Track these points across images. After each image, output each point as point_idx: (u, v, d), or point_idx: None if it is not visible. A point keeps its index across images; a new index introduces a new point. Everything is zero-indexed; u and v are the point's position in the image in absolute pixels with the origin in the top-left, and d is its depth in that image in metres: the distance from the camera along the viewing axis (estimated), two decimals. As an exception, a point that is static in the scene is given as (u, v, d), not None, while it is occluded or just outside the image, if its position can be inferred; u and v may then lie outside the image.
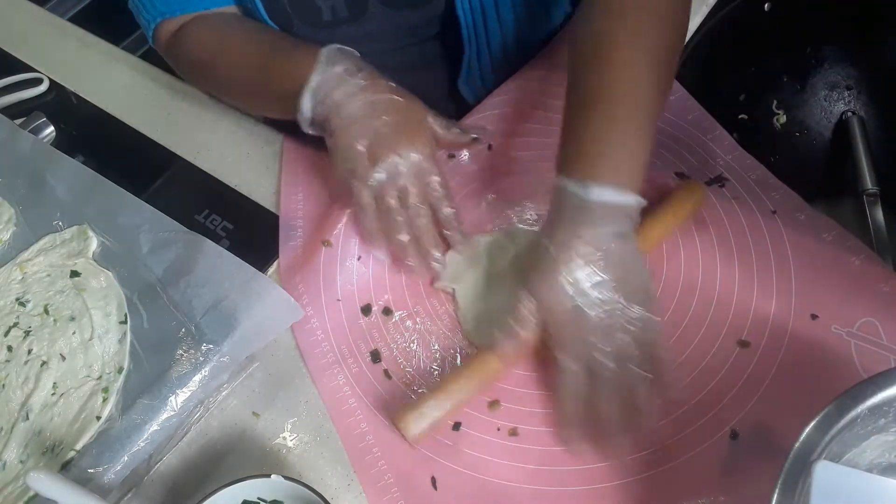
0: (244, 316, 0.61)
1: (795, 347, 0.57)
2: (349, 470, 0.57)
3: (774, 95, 0.84)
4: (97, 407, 0.61)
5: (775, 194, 0.65)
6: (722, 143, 0.69)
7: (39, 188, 0.74)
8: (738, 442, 0.54)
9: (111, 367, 0.63)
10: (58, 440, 0.60)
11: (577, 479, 0.54)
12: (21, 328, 0.67)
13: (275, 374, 0.63)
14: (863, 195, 0.76)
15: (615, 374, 0.53)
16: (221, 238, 0.70)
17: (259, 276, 0.63)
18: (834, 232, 0.62)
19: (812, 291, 0.59)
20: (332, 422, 0.60)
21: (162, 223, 0.68)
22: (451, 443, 0.57)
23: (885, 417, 0.44)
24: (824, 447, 0.42)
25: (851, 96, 0.83)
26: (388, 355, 0.62)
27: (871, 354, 0.55)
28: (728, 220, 0.64)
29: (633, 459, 0.54)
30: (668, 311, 0.60)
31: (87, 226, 0.71)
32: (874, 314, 0.57)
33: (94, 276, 0.68)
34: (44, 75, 0.87)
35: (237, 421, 0.61)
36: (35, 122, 0.81)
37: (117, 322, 0.65)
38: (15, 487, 0.58)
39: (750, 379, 0.55)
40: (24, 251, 0.71)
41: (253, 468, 0.58)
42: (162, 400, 0.59)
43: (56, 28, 0.94)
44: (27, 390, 0.63)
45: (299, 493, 0.51)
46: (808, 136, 0.84)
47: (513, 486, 0.55)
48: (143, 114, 0.82)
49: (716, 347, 0.58)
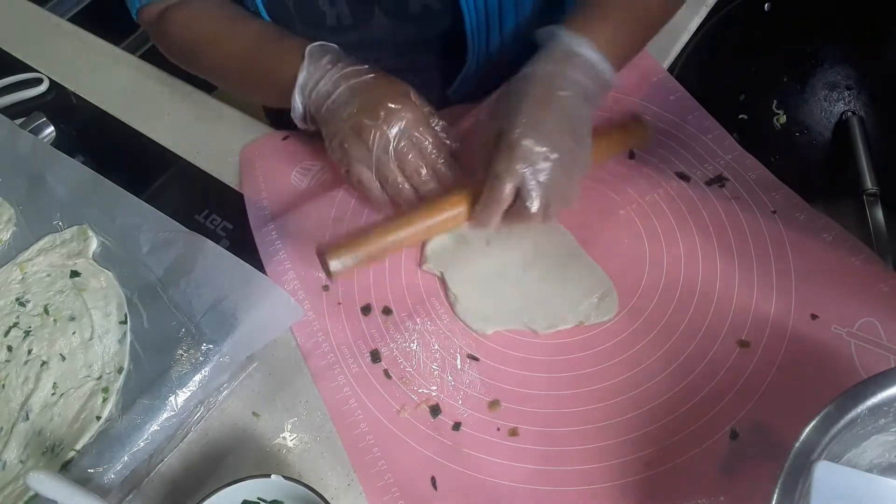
0: (244, 316, 0.61)
1: (795, 347, 0.57)
2: (349, 470, 0.57)
3: (774, 95, 0.84)
4: (97, 407, 0.61)
5: (775, 194, 0.65)
6: (722, 143, 0.69)
7: (39, 188, 0.74)
8: (738, 442, 0.54)
9: (111, 367, 0.63)
10: (58, 440, 0.60)
11: (576, 479, 0.54)
12: (21, 328, 0.67)
13: (275, 374, 0.63)
14: (863, 195, 0.76)
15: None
16: (221, 238, 0.70)
17: (259, 276, 0.63)
18: (834, 232, 0.62)
19: (812, 291, 0.59)
20: (332, 422, 0.60)
21: (162, 223, 0.68)
22: (452, 443, 0.57)
23: (885, 417, 0.44)
24: (824, 447, 0.42)
25: (851, 96, 0.83)
26: (388, 355, 0.62)
27: (871, 354, 0.55)
28: (728, 220, 0.64)
29: (633, 459, 0.55)
30: (668, 311, 0.60)
31: (87, 226, 0.71)
32: (874, 314, 0.57)
33: (94, 276, 0.68)
34: (44, 75, 0.87)
35: (237, 421, 0.61)
36: (35, 122, 0.81)
37: (117, 322, 0.65)
38: (15, 487, 0.58)
39: (750, 379, 0.55)
40: (24, 251, 0.71)
41: (253, 468, 0.58)
42: (162, 400, 0.59)
43: (56, 28, 0.94)
44: (27, 390, 0.63)
45: (299, 493, 0.51)
46: (808, 136, 0.84)
47: (513, 486, 0.55)
48: (143, 114, 0.82)
49: (716, 347, 0.58)
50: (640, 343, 0.59)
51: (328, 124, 0.64)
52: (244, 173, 0.75)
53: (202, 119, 0.81)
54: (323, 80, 0.64)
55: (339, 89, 0.63)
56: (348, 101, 0.63)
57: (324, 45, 0.66)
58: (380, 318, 0.64)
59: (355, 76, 0.64)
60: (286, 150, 0.76)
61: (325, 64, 0.64)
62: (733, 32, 0.80)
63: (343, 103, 0.63)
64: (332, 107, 0.64)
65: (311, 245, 0.67)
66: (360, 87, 0.63)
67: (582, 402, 0.58)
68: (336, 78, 0.64)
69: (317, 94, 0.64)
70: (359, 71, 0.64)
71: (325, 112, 0.64)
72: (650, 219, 0.65)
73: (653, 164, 0.68)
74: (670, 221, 0.65)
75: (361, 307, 0.65)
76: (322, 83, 0.64)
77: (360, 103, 0.62)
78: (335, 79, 0.64)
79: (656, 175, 0.67)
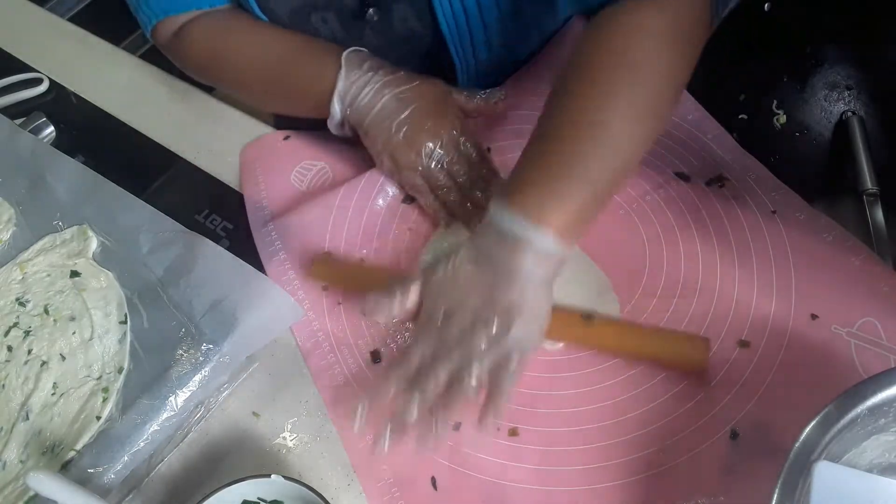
0: (244, 316, 0.61)
1: (795, 347, 0.57)
2: (349, 470, 0.57)
3: (774, 95, 0.84)
4: (97, 407, 0.61)
5: (775, 194, 0.65)
6: (722, 143, 0.69)
7: (39, 188, 0.74)
8: (738, 442, 0.54)
9: (111, 367, 0.63)
10: (58, 440, 0.60)
11: (577, 478, 0.54)
12: (21, 328, 0.67)
13: (275, 374, 0.63)
14: (863, 195, 0.76)
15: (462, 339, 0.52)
16: (221, 238, 0.70)
17: (259, 277, 0.63)
18: (834, 232, 0.62)
19: (812, 291, 0.59)
20: (331, 422, 0.60)
21: (162, 223, 0.68)
22: (451, 443, 0.57)
23: (885, 417, 0.44)
24: (824, 447, 0.42)
25: (851, 96, 0.83)
26: (389, 355, 0.62)
27: (871, 354, 0.55)
28: (728, 220, 0.64)
29: (633, 459, 0.54)
30: (668, 311, 0.60)
31: (87, 226, 0.71)
32: (874, 314, 0.57)
33: (94, 276, 0.68)
34: (44, 75, 0.87)
35: (237, 421, 0.61)
36: (35, 122, 0.81)
37: (117, 322, 0.65)
38: (15, 487, 0.58)
39: (750, 379, 0.55)
40: (24, 251, 0.71)
41: (253, 468, 0.58)
42: (162, 400, 0.59)
43: (56, 28, 0.94)
44: (27, 390, 0.63)
45: (299, 493, 0.51)
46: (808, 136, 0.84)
47: (513, 486, 0.55)
48: (143, 114, 0.82)
49: (716, 347, 0.58)
50: (640, 343, 0.59)
51: (375, 136, 0.66)
52: (244, 173, 0.75)
53: (202, 119, 0.81)
54: (365, 89, 0.65)
55: (384, 99, 0.65)
56: (395, 111, 0.64)
57: (358, 51, 0.67)
58: (380, 318, 0.64)
59: (397, 84, 0.65)
60: (286, 150, 0.76)
61: (366, 71, 0.66)
62: (733, 32, 0.80)
63: (389, 114, 0.64)
64: (377, 119, 0.65)
65: (312, 245, 0.68)
66: (405, 97, 0.65)
67: (582, 401, 0.58)
68: (378, 86, 0.65)
69: (359, 104, 0.65)
70: (399, 79, 0.65)
71: (370, 123, 0.65)
72: (650, 219, 0.65)
73: (653, 164, 0.68)
74: (670, 221, 0.65)
75: (361, 307, 0.65)
76: (365, 93, 0.65)
77: (408, 115, 0.64)
78: (378, 87, 0.65)
79: (656, 175, 0.67)
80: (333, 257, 0.67)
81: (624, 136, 0.54)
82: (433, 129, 0.64)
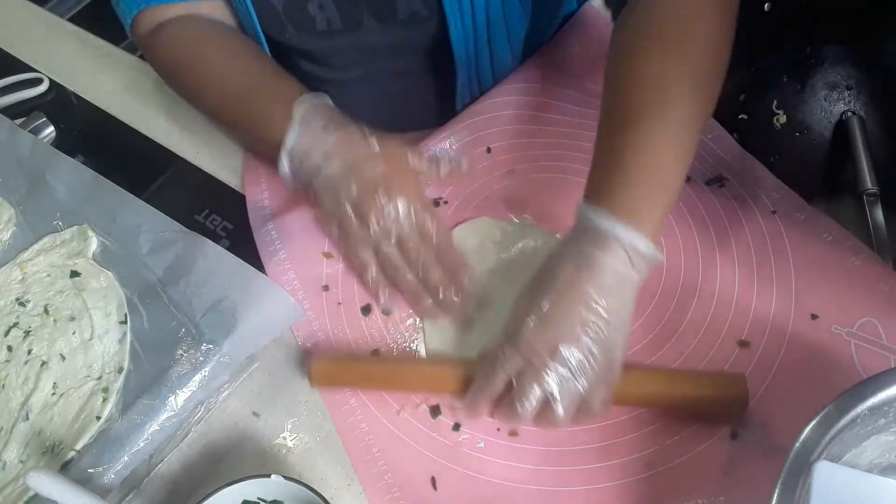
0: (244, 316, 0.61)
1: (795, 347, 0.57)
2: (349, 470, 0.57)
3: (774, 95, 0.84)
4: (97, 407, 0.61)
5: (775, 194, 0.65)
6: (722, 143, 0.69)
7: (39, 188, 0.74)
8: (738, 442, 0.54)
9: (111, 367, 0.63)
10: (58, 440, 0.60)
11: (576, 479, 0.55)
12: (21, 328, 0.67)
13: (275, 374, 0.63)
14: (863, 195, 0.76)
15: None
16: (221, 238, 0.70)
17: (259, 277, 0.63)
18: (834, 232, 0.62)
19: (812, 291, 0.59)
20: (332, 422, 0.60)
21: (162, 223, 0.68)
22: (451, 443, 0.57)
23: (885, 417, 0.44)
24: (824, 447, 0.42)
25: (851, 96, 0.83)
26: (389, 355, 0.62)
27: (871, 354, 0.56)
28: (728, 220, 0.64)
29: (633, 459, 0.55)
30: (668, 310, 0.60)
31: (86, 226, 0.71)
32: (874, 314, 0.57)
33: (94, 276, 0.68)
34: (44, 75, 0.87)
35: (237, 421, 0.61)
36: (35, 122, 0.81)
37: (117, 322, 0.65)
38: (15, 487, 0.58)
39: (750, 379, 0.55)
40: (24, 251, 0.71)
41: (253, 468, 0.58)
42: (162, 400, 0.59)
43: (56, 28, 0.94)
44: (27, 390, 0.63)
45: (299, 493, 0.51)
46: (808, 136, 0.84)
47: (513, 486, 0.55)
48: (143, 114, 0.82)
49: (716, 347, 0.58)
50: (641, 343, 0.59)
51: (323, 200, 0.62)
52: (247, 172, 0.75)
53: (202, 119, 0.81)
54: (315, 150, 0.61)
55: (335, 164, 0.61)
56: (343, 177, 0.61)
57: (314, 103, 0.63)
58: (380, 318, 0.64)
59: (349, 147, 0.61)
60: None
61: (318, 130, 0.62)
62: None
63: (338, 179, 0.61)
64: (326, 183, 0.62)
65: (312, 245, 0.67)
66: (356, 166, 0.61)
67: (582, 402, 0.58)
68: (331, 148, 0.61)
69: (309, 165, 0.62)
70: (353, 141, 0.61)
71: (319, 186, 0.62)
72: (650, 219, 0.65)
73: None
74: (670, 221, 0.65)
75: (361, 307, 0.64)
76: (315, 154, 0.61)
77: (358, 183, 0.60)
78: (330, 150, 0.61)
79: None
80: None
81: (693, 129, 0.56)
82: (386, 199, 0.60)
